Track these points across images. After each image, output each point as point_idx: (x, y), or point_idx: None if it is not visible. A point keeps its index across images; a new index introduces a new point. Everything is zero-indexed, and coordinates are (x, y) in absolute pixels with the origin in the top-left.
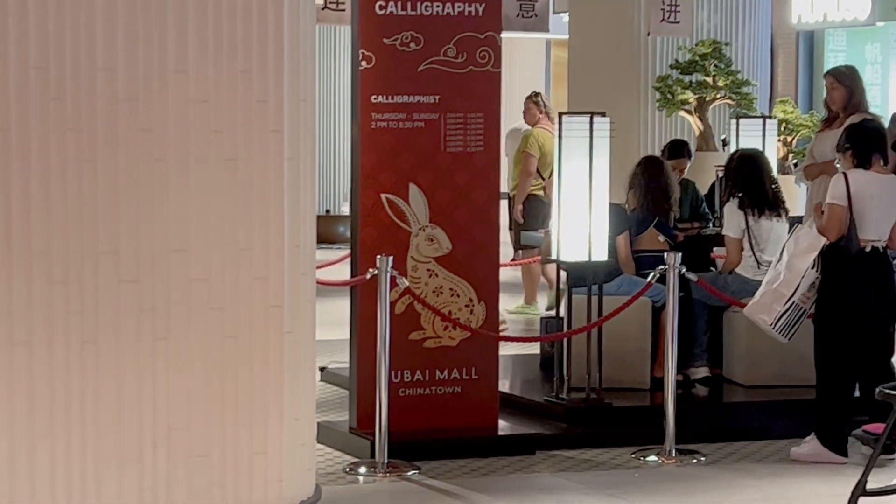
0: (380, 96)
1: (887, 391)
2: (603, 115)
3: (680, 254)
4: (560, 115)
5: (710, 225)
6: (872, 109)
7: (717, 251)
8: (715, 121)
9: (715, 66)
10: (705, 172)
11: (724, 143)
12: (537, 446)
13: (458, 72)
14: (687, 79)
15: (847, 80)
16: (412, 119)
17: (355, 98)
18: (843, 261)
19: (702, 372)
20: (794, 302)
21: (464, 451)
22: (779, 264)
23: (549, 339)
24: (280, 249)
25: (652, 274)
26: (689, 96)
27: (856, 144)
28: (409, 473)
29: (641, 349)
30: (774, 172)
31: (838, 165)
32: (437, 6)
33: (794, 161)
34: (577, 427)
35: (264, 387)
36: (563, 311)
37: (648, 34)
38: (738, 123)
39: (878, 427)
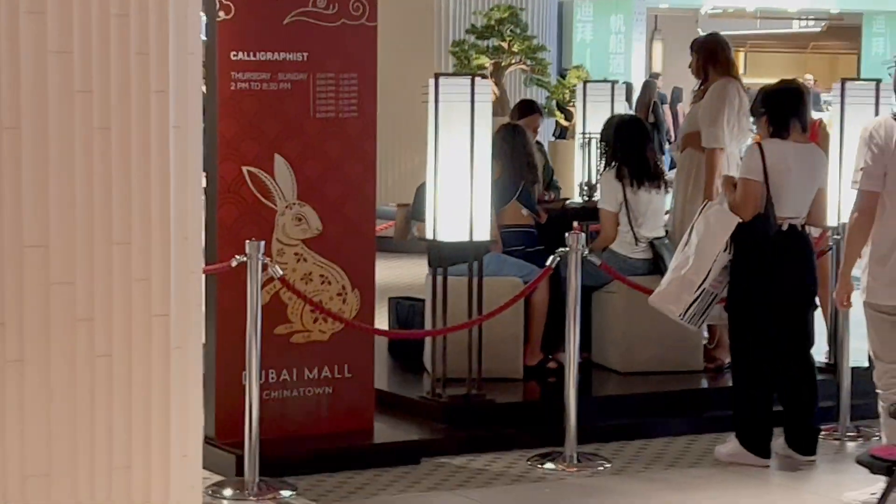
0: (240, 53)
1: None
2: (484, 76)
3: (583, 234)
4: (436, 76)
5: (559, 195)
6: (616, 78)
7: (578, 225)
8: (510, 86)
9: (511, 30)
10: None
11: None
12: (421, 453)
13: (328, 25)
14: (483, 43)
15: (695, 48)
16: (277, 80)
17: (212, 55)
18: (757, 241)
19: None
20: (704, 289)
21: (339, 462)
22: (686, 247)
23: (436, 333)
24: (165, 243)
25: (552, 258)
26: (486, 61)
27: (772, 109)
28: (286, 495)
29: (514, 335)
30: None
31: (753, 130)
32: None
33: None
34: (461, 429)
35: (146, 418)
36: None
37: None
38: (584, 88)
39: (888, 451)
